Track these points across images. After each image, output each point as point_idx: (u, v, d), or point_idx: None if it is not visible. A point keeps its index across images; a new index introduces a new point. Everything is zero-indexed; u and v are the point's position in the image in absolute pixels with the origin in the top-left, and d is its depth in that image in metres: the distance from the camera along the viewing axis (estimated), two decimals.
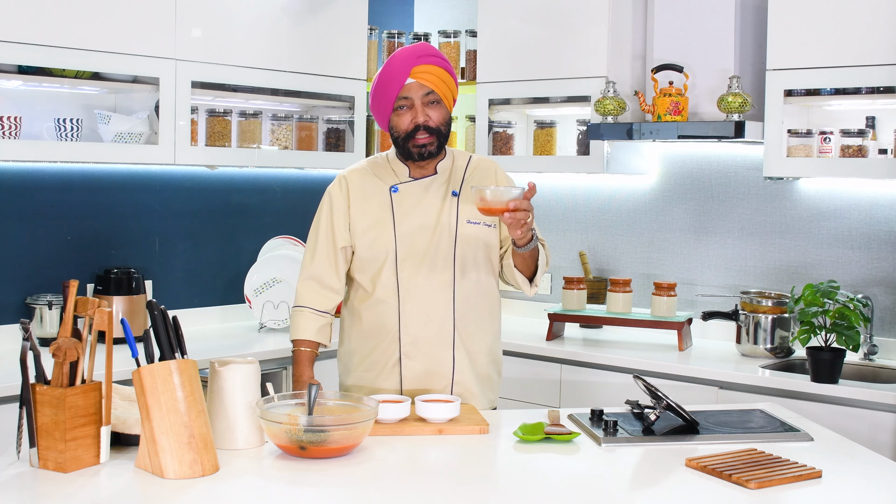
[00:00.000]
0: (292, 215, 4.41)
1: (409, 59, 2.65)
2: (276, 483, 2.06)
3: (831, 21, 3.48)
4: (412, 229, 2.71)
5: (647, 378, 2.72)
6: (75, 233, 3.76)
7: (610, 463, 2.25)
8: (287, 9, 4.00)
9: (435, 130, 2.68)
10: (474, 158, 2.83)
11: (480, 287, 2.76)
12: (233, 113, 4.00)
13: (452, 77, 2.72)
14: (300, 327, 2.76)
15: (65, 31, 3.34)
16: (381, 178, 2.77)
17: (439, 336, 2.72)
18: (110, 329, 2.08)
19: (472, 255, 2.73)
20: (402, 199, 2.74)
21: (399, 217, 2.72)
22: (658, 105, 3.76)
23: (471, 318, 2.74)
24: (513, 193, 2.44)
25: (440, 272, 2.71)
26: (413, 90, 2.66)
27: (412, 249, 2.70)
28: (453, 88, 2.72)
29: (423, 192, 2.74)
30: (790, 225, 3.95)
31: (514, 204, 2.43)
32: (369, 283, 2.74)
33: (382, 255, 2.71)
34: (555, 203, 4.56)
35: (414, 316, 2.70)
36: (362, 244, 2.74)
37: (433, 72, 2.66)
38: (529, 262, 2.69)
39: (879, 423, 3.15)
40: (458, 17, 4.82)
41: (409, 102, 2.67)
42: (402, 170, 2.77)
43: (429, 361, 2.72)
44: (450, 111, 2.73)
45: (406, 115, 2.67)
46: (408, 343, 2.71)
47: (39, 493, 1.95)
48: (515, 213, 2.44)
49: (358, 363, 2.78)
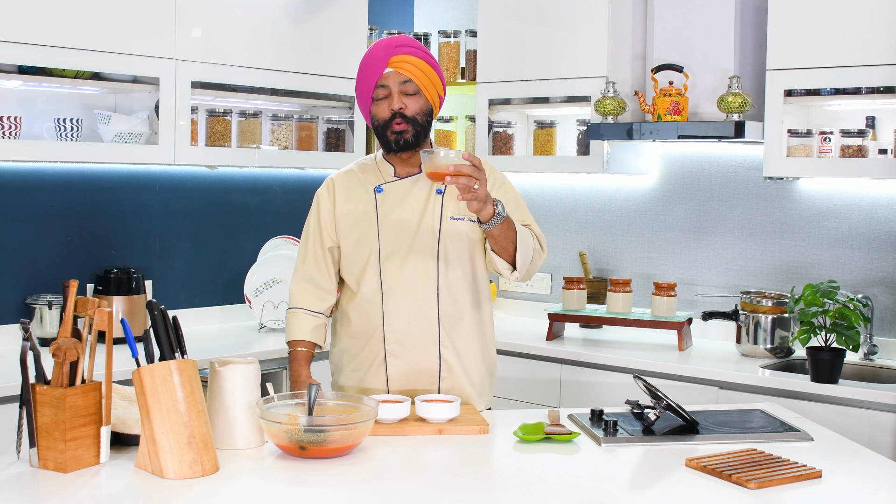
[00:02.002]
0: (292, 215, 4.41)
1: (387, 49, 2.66)
2: (276, 483, 2.06)
3: (831, 21, 3.48)
4: (395, 227, 2.71)
5: (647, 378, 2.72)
6: (75, 233, 3.76)
7: (610, 463, 2.25)
8: (287, 9, 4.00)
9: (411, 119, 2.66)
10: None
11: (466, 283, 2.74)
12: (233, 113, 4.00)
13: (435, 70, 2.70)
14: (294, 328, 2.77)
15: (65, 31, 3.34)
16: (368, 179, 2.78)
17: (425, 334, 2.70)
18: (110, 329, 2.08)
19: (456, 251, 2.71)
20: (385, 198, 2.74)
21: (382, 215, 2.72)
22: (658, 105, 3.76)
23: (457, 315, 2.73)
24: (451, 156, 2.42)
25: (424, 269, 2.69)
26: (390, 79, 2.66)
27: (395, 247, 2.70)
28: (436, 81, 2.70)
29: (408, 191, 2.74)
30: (790, 225, 3.95)
31: (454, 168, 2.38)
32: (355, 282, 2.75)
33: (366, 253, 2.72)
34: (555, 203, 4.56)
35: (398, 314, 2.70)
36: (347, 244, 2.75)
37: (411, 61, 2.66)
38: (504, 242, 2.59)
39: (879, 423, 3.15)
40: (458, 17, 4.83)
41: (387, 91, 2.67)
42: (388, 170, 2.77)
43: (414, 360, 2.71)
44: (431, 103, 2.70)
45: (384, 104, 2.68)
46: (392, 342, 2.71)
47: (39, 493, 1.95)
48: (458, 177, 2.38)
49: (347, 363, 2.78)
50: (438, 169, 2.43)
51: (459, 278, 2.73)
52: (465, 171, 2.39)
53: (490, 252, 2.66)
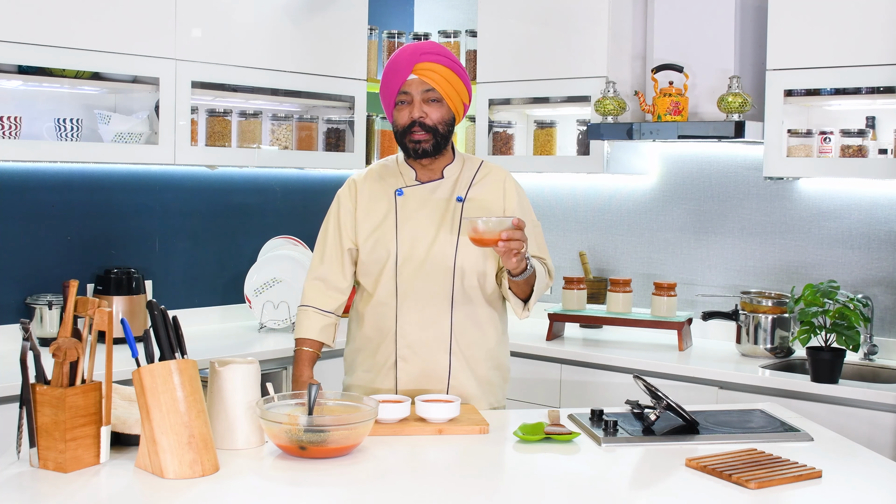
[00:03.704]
0: (292, 215, 4.41)
1: (413, 55, 2.65)
2: (276, 483, 2.06)
3: (831, 21, 3.48)
4: (414, 233, 2.71)
5: (647, 378, 2.72)
6: (75, 233, 3.76)
7: (610, 463, 2.25)
8: (287, 9, 4.00)
9: (431, 129, 2.66)
10: (485, 166, 2.81)
11: (481, 293, 2.74)
12: (233, 113, 4.00)
13: (461, 78, 2.69)
14: (303, 326, 2.77)
15: (65, 31, 3.34)
16: (389, 182, 2.77)
17: (436, 340, 2.71)
18: (110, 329, 2.08)
19: (472, 261, 2.71)
20: (406, 202, 2.73)
21: (402, 220, 2.72)
22: (658, 105, 3.76)
23: (470, 323, 2.73)
24: (505, 224, 2.45)
25: (439, 277, 2.69)
26: (414, 86, 2.65)
27: (412, 252, 2.70)
28: (460, 90, 2.69)
29: (429, 196, 2.74)
30: (790, 225, 3.95)
31: (506, 234, 2.43)
32: (372, 285, 2.74)
33: (384, 257, 2.71)
34: (555, 203, 4.56)
35: (411, 319, 2.70)
36: (366, 247, 2.74)
37: (436, 70, 2.64)
38: (524, 287, 2.66)
39: (879, 423, 3.15)
40: (458, 17, 4.83)
41: (409, 98, 2.66)
42: (409, 173, 2.77)
43: (425, 365, 2.71)
44: (454, 112, 2.70)
45: (405, 110, 2.67)
46: (404, 346, 2.71)
47: (39, 493, 1.95)
48: (509, 242, 2.44)
49: (360, 363, 2.79)
50: (486, 236, 2.45)
51: (474, 287, 2.73)
52: (516, 236, 2.44)
53: (507, 290, 2.70)
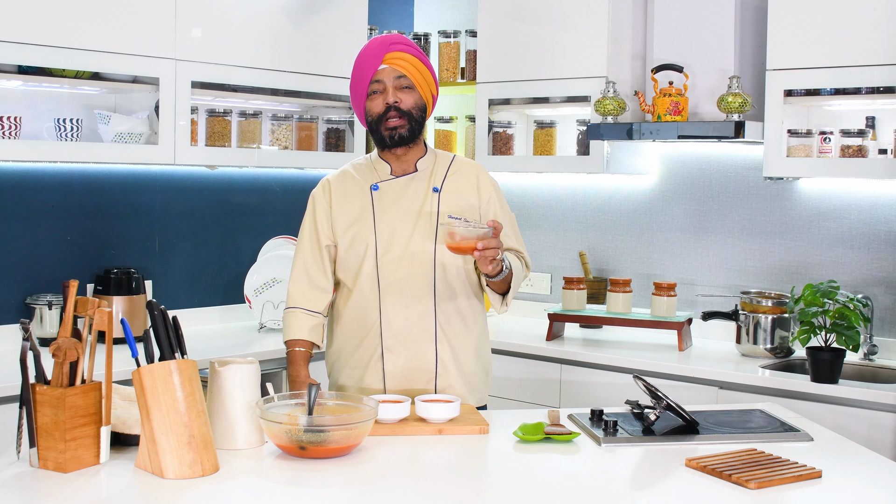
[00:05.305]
0: (292, 215, 4.40)
1: (381, 46, 2.72)
2: (276, 483, 2.06)
3: (831, 21, 3.48)
4: (392, 224, 2.73)
5: (647, 378, 2.72)
6: (75, 233, 3.76)
7: (610, 463, 2.25)
8: (287, 9, 4.00)
9: (406, 113, 2.71)
10: (458, 160, 2.85)
11: (462, 282, 2.76)
12: (233, 113, 4.00)
13: (428, 68, 2.76)
14: (292, 328, 2.78)
15: (65, 31, 3.34)
16: (364, 178, 2.80)
17: (422, 330, 2.72)
18: (110, 329, 2.08)
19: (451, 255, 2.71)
20: (382, 196, 2.77)
21: (379, 213, 2.74)
22: (658, 105, 3.76)
23: (453, 312, 2.75)
24: (480, 232, 2.48)
25: (421, 268, 2.71)
26: (385, 74, 2.72)
27: (392, 243, 2.72)
28: (429, 79, 2.76)
29: (404, 189, 2.77)
30: (790, 225, 3.95)
31: (482, 244, 2.48)
32: (352, 280, 2.76)
33: (363, 250, 2.73)
34: (555, 203, 4.56)
35: (395, 310, 2.71)
36: (344, 242, 2.76)
37: (406, 59, 2.71)
38: (502, 285, 2.71)
39: (879, 423, 3.15)
40: (458, 17, 4.82)
41: (382, 86, 2.72)
42: (383, 168, 2.80)
43: (411, 356, 2.72)
44: (425, 101, 2.76)
45: (378, 98, 2.73)
46: (389, 337, 2.72)
47: (39, 493, 1.95)
48: (485, 251, 2.49)
49: (345, 361, 2.80)
50: (463, 244, 2.49)
51: (455, 276, 2.75)
52: (493, 244, 2.48)
53: (486, 285, 2.74)
